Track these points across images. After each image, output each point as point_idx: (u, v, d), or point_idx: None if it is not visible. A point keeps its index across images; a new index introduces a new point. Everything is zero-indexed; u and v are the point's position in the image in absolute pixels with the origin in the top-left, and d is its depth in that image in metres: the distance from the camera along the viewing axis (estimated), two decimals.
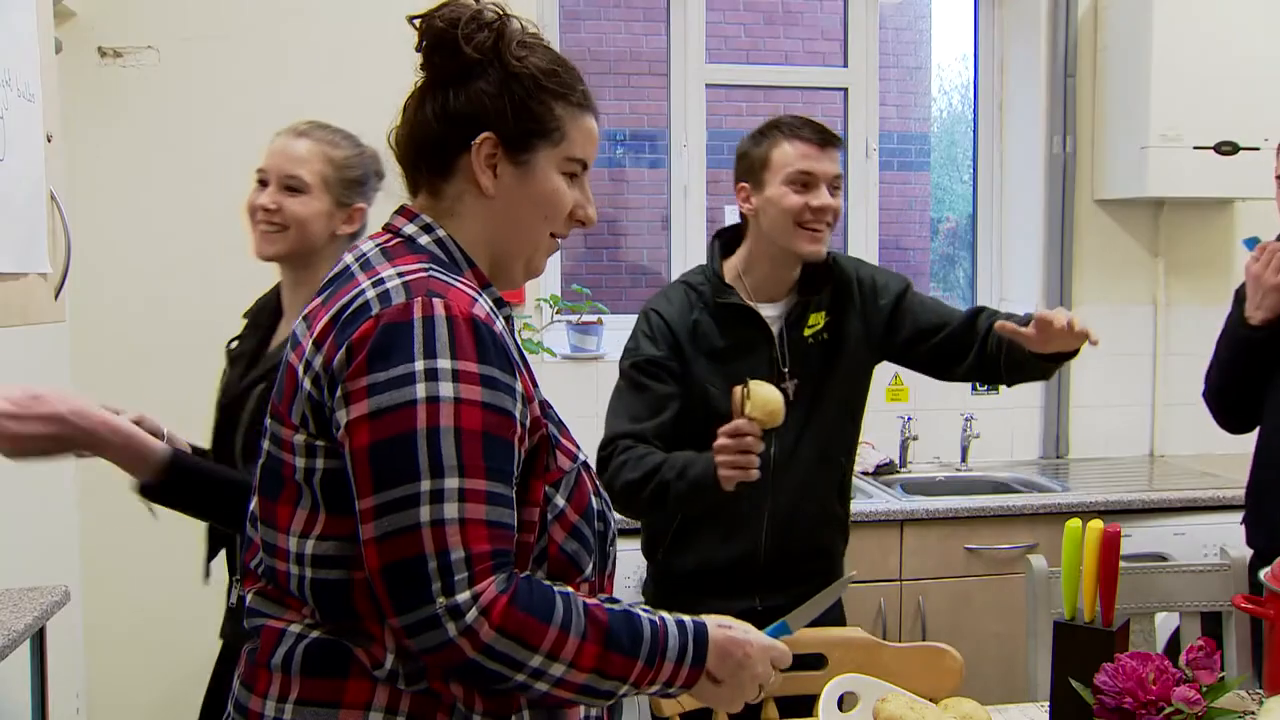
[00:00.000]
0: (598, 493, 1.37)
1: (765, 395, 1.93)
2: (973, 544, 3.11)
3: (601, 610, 1.22)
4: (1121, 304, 3.87)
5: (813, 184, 2.17)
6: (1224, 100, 3.51)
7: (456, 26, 1.30)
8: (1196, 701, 1.43)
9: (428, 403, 1.15)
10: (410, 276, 1.23)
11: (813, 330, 2.26)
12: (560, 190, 1.35)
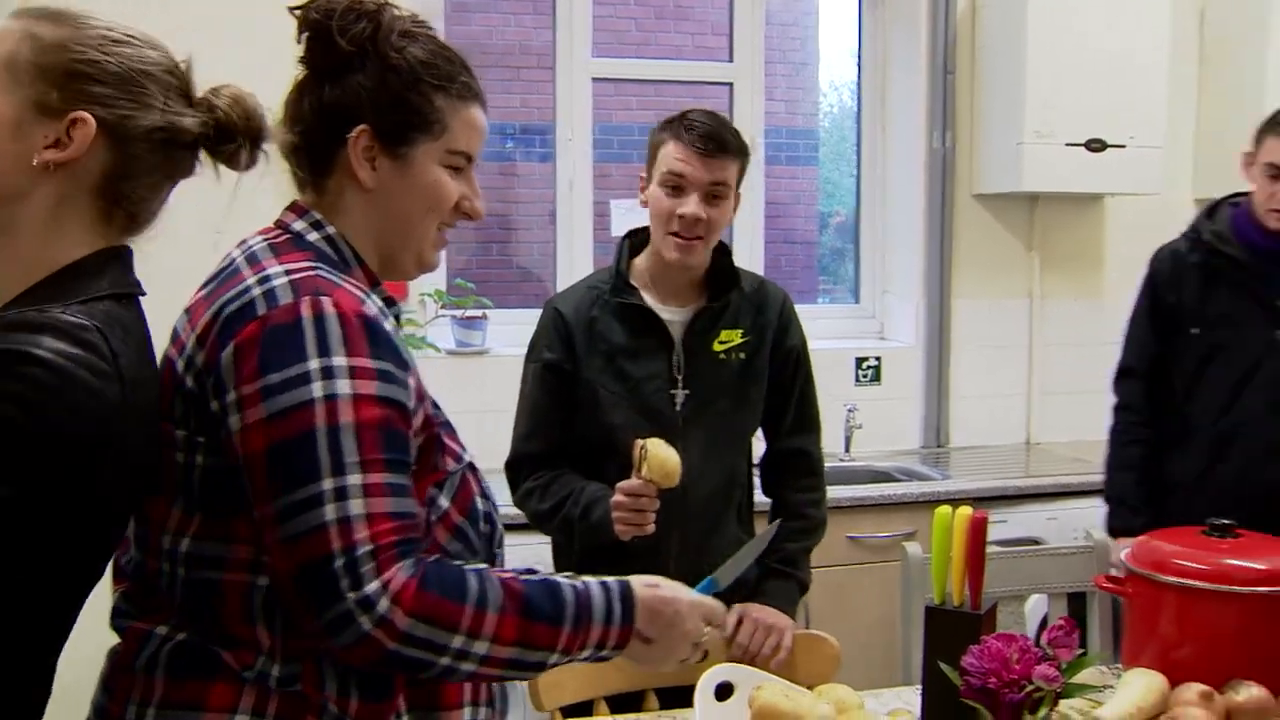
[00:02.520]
0: (484, 494, 1.36)
1: (662, 457, 1.91)
2: (854, 533, 3.16)
3: (517, 581, 1.21)
4: (998, 297, 3.98)
5: (684, 190, 2.07)
6: (1094, 99, 3.63)
7: (332, 17, 1.28)
8: (1055, 678, 1.48)
9: (325, 401, 1.14)
10: (297, 275, 1.21)
11: (726, 347, 2.19)
12: (442, 183, 1.33)
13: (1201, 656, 1.87)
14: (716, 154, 2.05)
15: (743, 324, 2.20)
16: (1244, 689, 1.79)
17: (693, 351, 2.16)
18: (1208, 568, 1.90)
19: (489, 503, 1.37)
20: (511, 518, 2.45)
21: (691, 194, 2.06)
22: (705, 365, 2.16)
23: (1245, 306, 2.65)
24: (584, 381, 2.15)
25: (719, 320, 2.18)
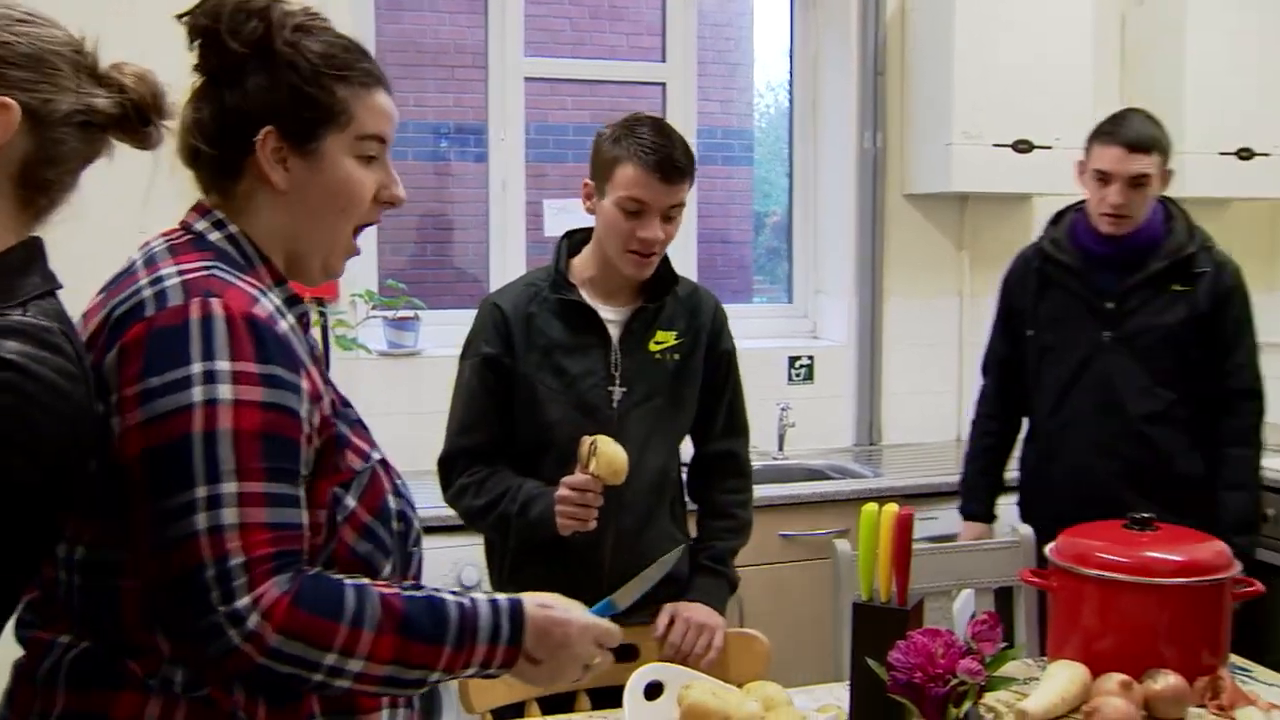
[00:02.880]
0: (397, 492, 1.35)
1: (611, 454, 1.94)
2: (787, 530, 3.18)
3: (398, 599, 1.20)
4: (929, 296, 4.02)
5: (645, 214, 2.09)
6: (1020, 101, 3.68)
7: (220, 20, 1.25)
8: (978, 672, 1.50)
9: (204, 406, 1.12)
10: (189, 275, 1.19)
11: (661, 347, 2.21)
12: (355, 175, 1.32)
13: (1122, 647, 1.92)
14: (674, 180, 2.09)
15: (677, 326, 2.23)
16: (1161, 677, 1.84)
17: (629, 350, 2.18)
18: (1128, 560, 1.94)
19: (403, 500, 1.35)
20: (445, 519, 2.45)
21: (652, 217, 2.09)
22: (642, 364, 2.19)
23: (1075, 310, 2.79)
24: (521, 377, 2.16)
25: (655, 321, 2.21)
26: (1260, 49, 3.98)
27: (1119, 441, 2.74)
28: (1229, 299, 2.74)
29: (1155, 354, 2.73)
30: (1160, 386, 2.73)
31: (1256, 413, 2.76)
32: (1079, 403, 2.78)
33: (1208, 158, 3.95)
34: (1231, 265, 2.78)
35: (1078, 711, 1.80)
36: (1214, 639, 1.95)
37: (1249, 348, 2.78)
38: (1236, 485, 2.72)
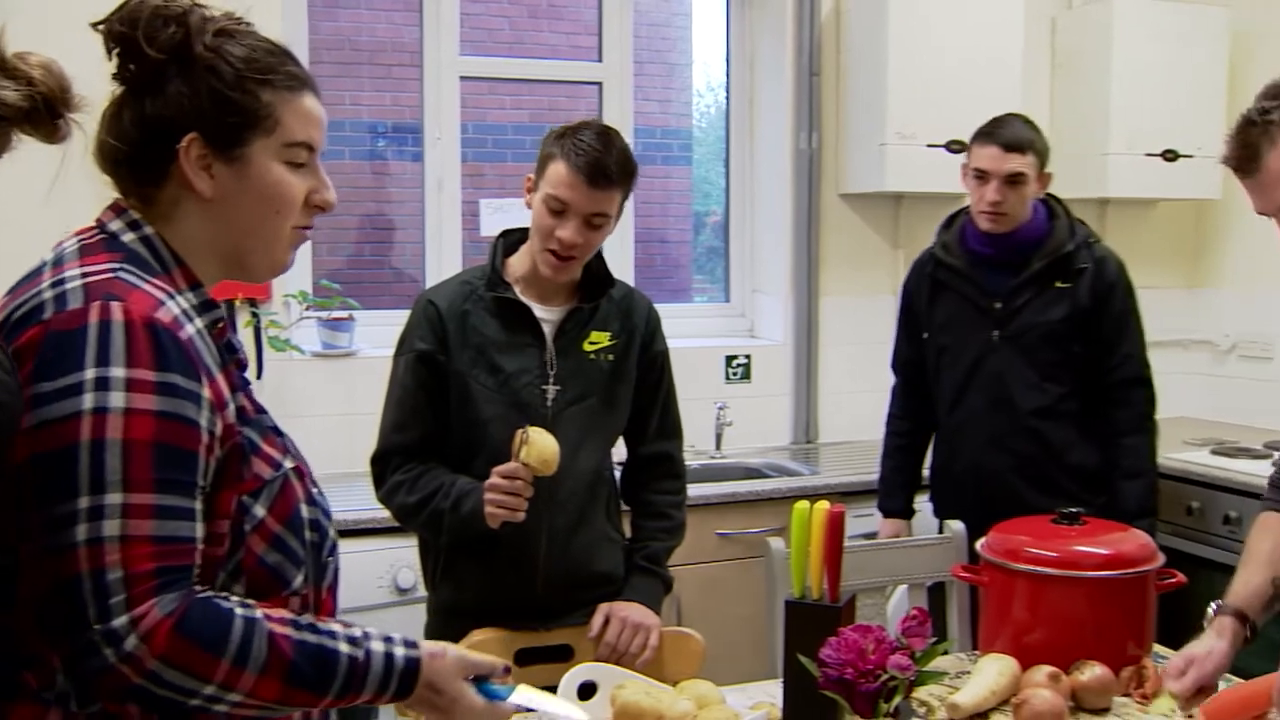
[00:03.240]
0: (311, 501, 1.33)
1: (543, 444, 1.93)
2: (724, 529, 3.19)
3: (288, 642, 1.17)
4: (865, 294, 4.06)
5: (567, 215, 2.07)
6: (953, 101, 3.72)
7: (137, 27, 1.22)
8: (908, 667, 1.51)
9: (94, 414, 1.10)
10: (92, 278, 1.16)
11: (595, 348, 2.21)
12: (285, 180, 1.29)
13: (1051, 639, 1.95)
14: (601, 186, 2.05)
15: (611, 327, 2.23)
16: (1088, 669, 1.87)
17: (564, 349, 2.18)
18: (1057, 555, 1.98)
19: (317, 509, 1.34)
20: (381, 520, 2.43)
21: (572, 220, 2.07)
22: (576, 363, 2.18)
23: (966, 311, 2.89)
24: (455, 374, 2.15)
25: (589, 322, 2.21)
26: (1184, 53, 4.06)
27: (1011, 437, 2.83)
28: (1110, 293, 2.81)
29: (1041, 350, 2.81)
30: (1047, 382, 2.82)
31: (1148, 400, 2.85)
32: (973, 401, 2.88)
33: (1134, 159, 4.03)
34: (1113, 260, 2.86)
35: (1008, 704, 1.82)
36: (1139, 630, 1.99)
37: (1135, 339, 2.85)
38: (1135, 473, 2.80)
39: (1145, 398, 2.85)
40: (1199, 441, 3.72)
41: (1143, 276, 3.92)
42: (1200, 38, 4.10)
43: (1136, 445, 2.82)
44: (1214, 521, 3.36)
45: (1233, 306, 4.34)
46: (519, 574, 2.14)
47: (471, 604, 2.16)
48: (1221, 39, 4.12)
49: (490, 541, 2.07)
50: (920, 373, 3.03)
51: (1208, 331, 4.40)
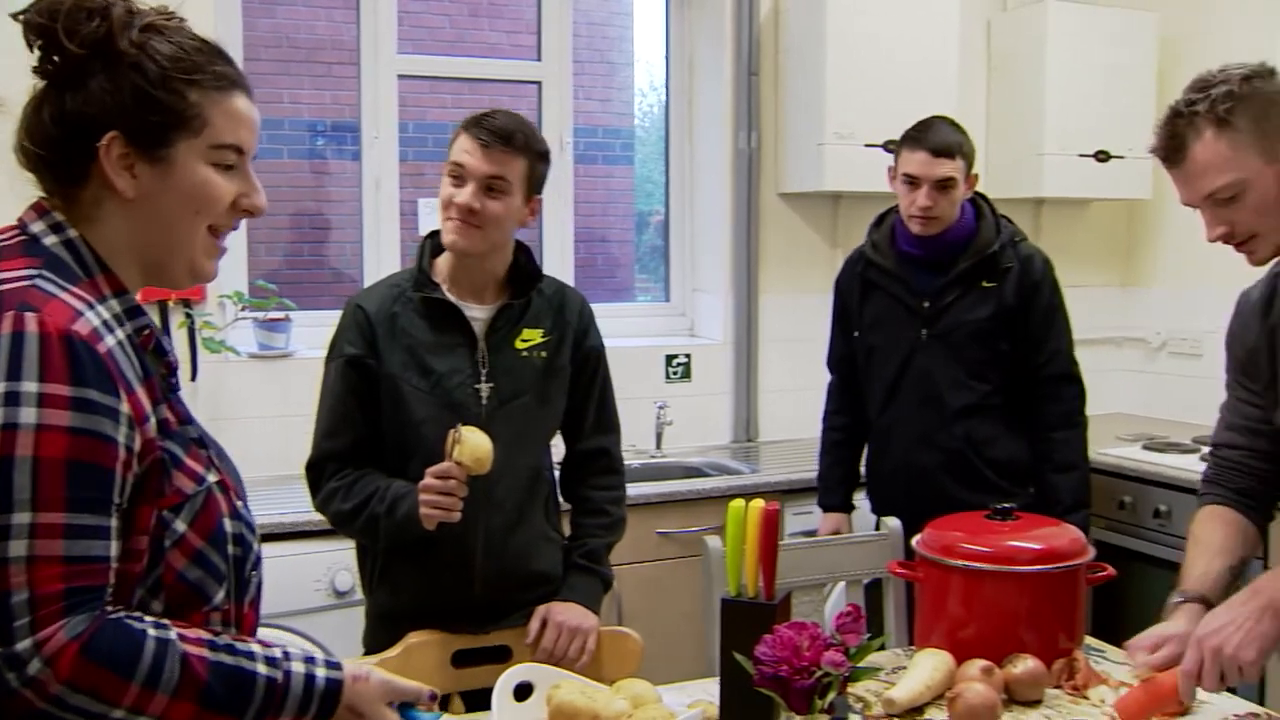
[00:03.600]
0: (235, 515, 1.30)
1: (475, 442, 1.92)
2: (664, 528, 3.20)
3: (203, 664, 1.15)
4: (804, 293, 4.07)
5: (463, 179, 2.07)
6: (890, 102, 3.74)
7: (57, 19, 1.18)
8: (842, 663, 1.52)
9: (3, 430, 1.07)
10: (7, 286, 1.13)
11: (528, 345, 2.19)
12: (211, 182, 1.26)
13: (985, 634, 1.97)
14: (496, 147, 2.06)
15: (544, 324, 2.22)
16: (1021, 662, 1.89)
17: (495, 347, 2.16)
18: (991, 550, 2.00)
19: (241, 523, 1.31)
20: (318, 523, 2.41)
21: (469, 184, 2.07)
22: (508, 361, 2.17)
23: (895, 311, 2.92)
24: (387, 377, 2.13)
25: (521, 319, 2.20)
26: (1115, 56, 4.13)
27: (939, 434, 2.86)
28: (1036, 291, 2.84)
29: (967, 349, 2.84)
30: (975, 380, 2.86)
31: (1078, 396, 2.88)
32: (903, 399, 2.92)
33: (1067, 159, 4.09)
34: (1039, 258, 2.89)
35: (943, 698, 1.84)
36: (1070, 622, 2.01)
37: (1063, 335, 2.88)
38: (1067, 467, 2.83)
39: (1075, 393, 2.88)
40: (1131, 437, 3.79)
41: (1077, 275, 4.01)
42: (1130, 41, 4.17)
43: (1068, 440, 2.85)
44: (1145, 515, 3.42)
45: (1164, 304, 4.42)
46: (456, 576, 2.12)
47: (409, 607, 2.14)
48: (1150, 43, 4.20)
49: (426, 544, 2.05)
50: (854, 370, 3.06)
51: (1140, 329, 4.48)
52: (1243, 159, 1.64)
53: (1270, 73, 1.68)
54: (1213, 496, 1.96)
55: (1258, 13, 3.89)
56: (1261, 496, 1.94)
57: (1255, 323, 1.89)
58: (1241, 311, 1.94)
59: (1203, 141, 1.65)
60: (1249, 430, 1.94)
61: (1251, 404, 1.93)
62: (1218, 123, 1.64)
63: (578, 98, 4.55)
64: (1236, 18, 4.04)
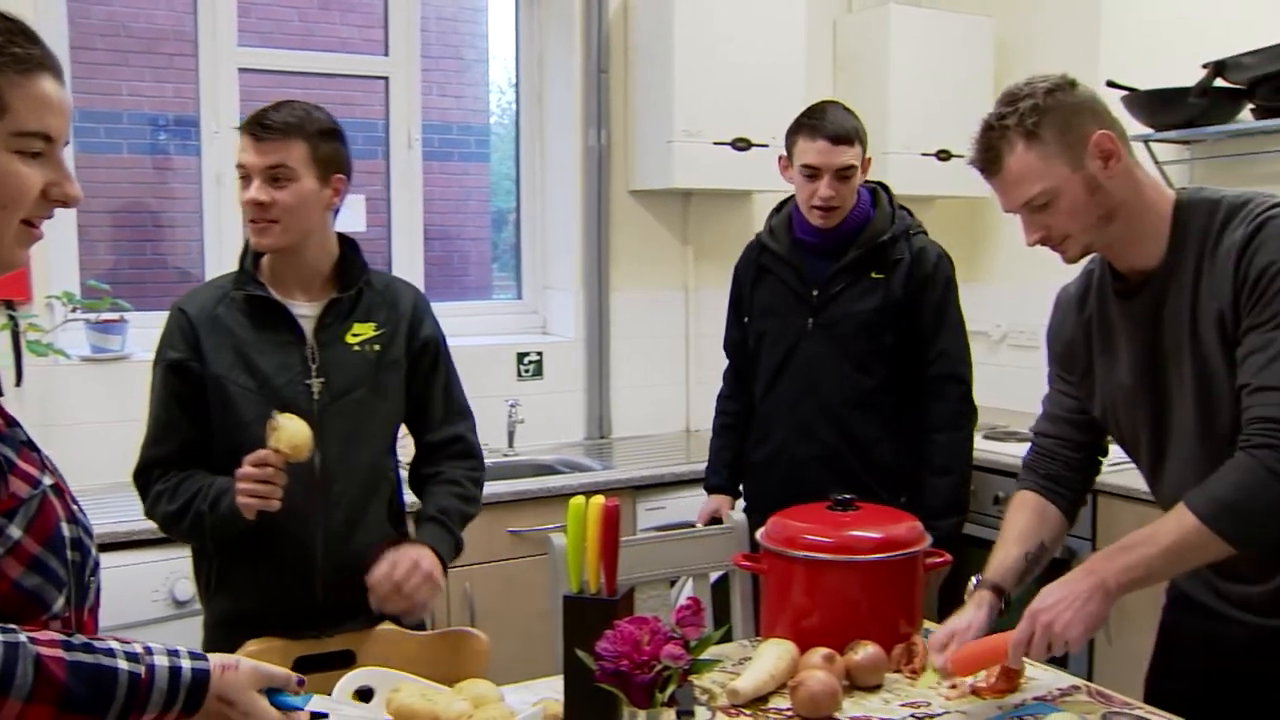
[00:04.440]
0: (73, 519, 1.24)
1: (291, 430, 1.88)
2: (516, 526, 3.17)
3: (59, 664, 1.10)
4: (655, 289, 4.11)
5: (249, 178, 2.04)
6: (738, 100, 3.80)
7: None
8: (681, 656, 1.53)
9: None
10: None
11: (359, 339, 2.14)
12: (14, 172, 1.18)
13: (828, 622, 2.00)
14: (268, 138, 2.02)
15: (375, 318, 2.17)
16: (861, 648, 1.93)
17: (325, 343, 2.11)
18: (832, 540, 2.03)
19: (79, 528, 1.25)
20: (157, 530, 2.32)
21: (253, 179, 2.03)
22: (339, 357, 2.12)
23: (785, 298, 2.85)
24: (213, 379, 2.08)
25: (350, 313, 2.15)
26: (954, 59, 4.26)
27: (817, 426, 2.80)
28: (927, 286, 2.77)
29: (852, 341, 2.77)
30: (858, 373, 2.78)
31: (964, 398, 2.80)
32: (785, 388, 2.85)
33: (910, 158, 4.20)
34: (934, 252, 2.81)
35: (786, 687, 1.86)
36: (909, 608, 2.06)
37: (954, 334, 2.81)
38: (944, 470, 2.76)
39: (961, 395, 2.79)
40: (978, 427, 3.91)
41: None
42: (969, 45, 4.31)
43: (949, 442, 2.77)
44: (986, 502, 3.54)
45: (1003, 299, 4.58)
46: (297, 577, 2.07)
47: (250, 612, 2.08)
48: (988, 46, 4.34)
49: (265, 546, 2.01)
50: (747, 355, 2.98)
51: (982, 322, 4.62)
52: (1052, 168, 1.70)
53: (1071, 84, 1.74)
54: (1025, 482, 2.04)
55: (1085, 18, 4.06)
56: (1071, 483, 2.02)
57: (1072, 317, 1.96)
58: (1059, 306, 2.01)
59: (1015, 154, 1.70)
60: (1064, 420, 2.02)
61: (1068, 395, 2.00)
62: (1027, 135, 1.69)
63: (430, 94, 4.49)
64: (1066, 22, 4.21)
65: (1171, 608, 2.01)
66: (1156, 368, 1.80)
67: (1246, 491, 1.60)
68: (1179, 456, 1.80)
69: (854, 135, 2.71)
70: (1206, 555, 1.66)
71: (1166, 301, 1.76)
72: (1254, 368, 1.62)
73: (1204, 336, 1.71)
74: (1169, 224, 1.75)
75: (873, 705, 1.85)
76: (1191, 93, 3.33)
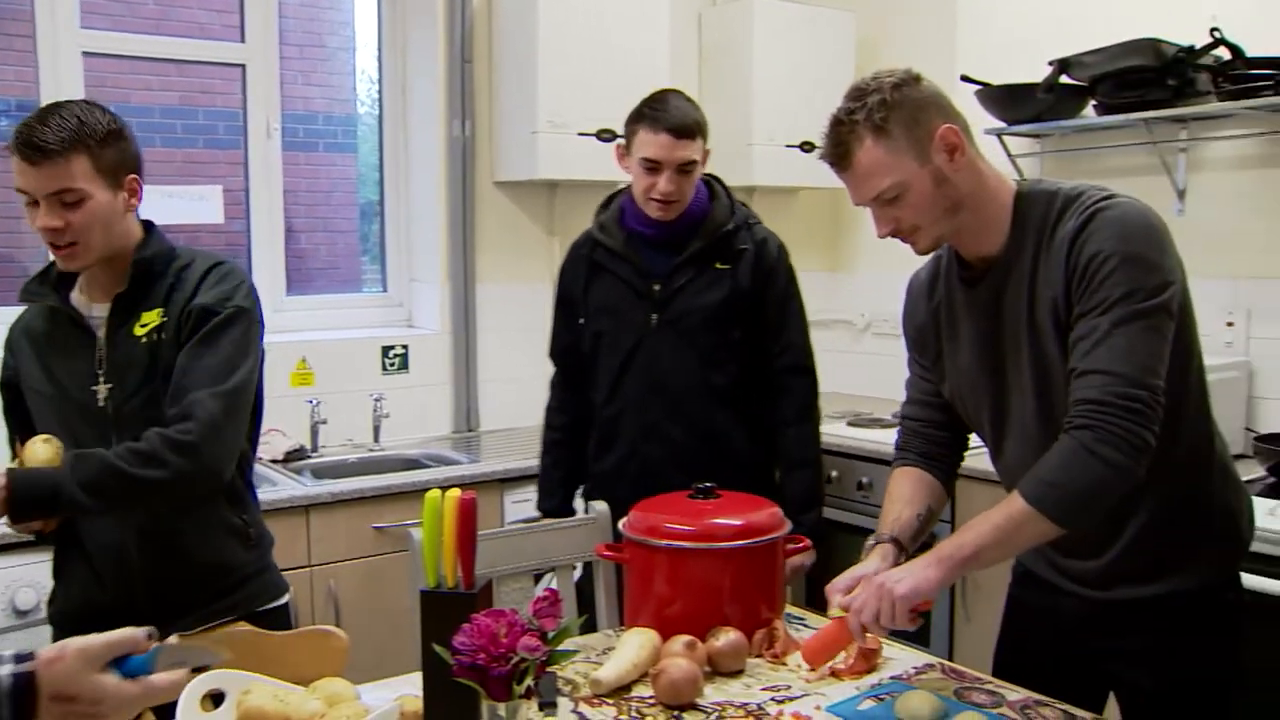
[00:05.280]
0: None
1: (31, 453, 1.85)
2: (381, 522, 3.13)
3: None
4: (522, 281, 4.09)
5: (35, 202, 1.89)
6: (603, 91, 3.80)
7: None
8: (537, 648, 1.52)
9: None
10: None
11: (147, 329, 2.00)
12: None
13: (691, 610, 2.01)
14: (45, 162, 1.85)
15: (162, 303, 2.03)
16: (723, 635, 1.95)
17: (115, 343, 2.01)
18: (694, 528, 2.04)
19: None
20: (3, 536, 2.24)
21: (41, 204, 1.89)
22: (129, 354, 2.00)
23: (624, 295, 2.74)
24: (28, 391, 2.05)
25: (140, 304, 2.02)
26: (816, 53, 4.33)
27: (667, 424, 2.71)
28: (771, 276, 2.73)
29: (700, 335, 2.69)
30: (707, 368, 2.70)
31: (811, 389, 2.77)
32: (631, 388, 2.74)
33: (774, 149, 4.25)
34: (774, 242, 2.77)
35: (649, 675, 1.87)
36: (770, 594, 2.09)
37: (798, 325, 2.77)
38: (803, 463, 2.74)
39: (808, 386, 2.77)
40: (838, 414, 3.99)
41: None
42: (830, 39, 4.39)
43: (801, 435, 2.74)
44: (850, 488, 3.61)
45: (866, 288, 4.68)
46: (116, 576, 2.01)
47: (76, 611, 2.04)
48: (848, 41, 4.42)
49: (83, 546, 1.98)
50: (579, 361, 2.86)
51: (847, 311, 4.72)
52: (900, 163, 1.73)
53: (916, 79, 1.77)
54: (903, 460, 2.08)
55: (942, 15, 4.16)
56: (943, 458, 2.06)
57: (923, 303, 2.00)
58: (911, 292, 2.05)
59: (864, 148, 1.73)
60: (925, 403, 2.07)
61: (925, 378, 2.05)
62: (875, 130, 1.72)
63: (295, 83, 4.39)
64: (924, 18, 4.32)
65: (1016, 584, 2.08)
66: (997, 353, 1.85)
67: (1067, 472, 1.66)
68: (1018, 439, 1.86)
69: (696, 128, 2.63)
70: (1034, 534, 1.71)
71: (1007, 289, 1.81)
72: (1080, 353, 1.68)
73: (1040, 323, 1.76)
74: (1010, 214, 1.80)
75: (734, 690, 1.87)
76: (1039, 89, 3.44)
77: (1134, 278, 1.65)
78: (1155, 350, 1.66)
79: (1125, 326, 1.65)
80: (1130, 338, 1.64)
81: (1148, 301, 1.65)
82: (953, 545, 1.73)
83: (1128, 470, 1.64)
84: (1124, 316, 1.65)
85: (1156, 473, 1.70)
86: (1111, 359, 1.64)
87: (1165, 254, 1.69)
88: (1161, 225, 1.72)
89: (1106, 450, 1.63)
